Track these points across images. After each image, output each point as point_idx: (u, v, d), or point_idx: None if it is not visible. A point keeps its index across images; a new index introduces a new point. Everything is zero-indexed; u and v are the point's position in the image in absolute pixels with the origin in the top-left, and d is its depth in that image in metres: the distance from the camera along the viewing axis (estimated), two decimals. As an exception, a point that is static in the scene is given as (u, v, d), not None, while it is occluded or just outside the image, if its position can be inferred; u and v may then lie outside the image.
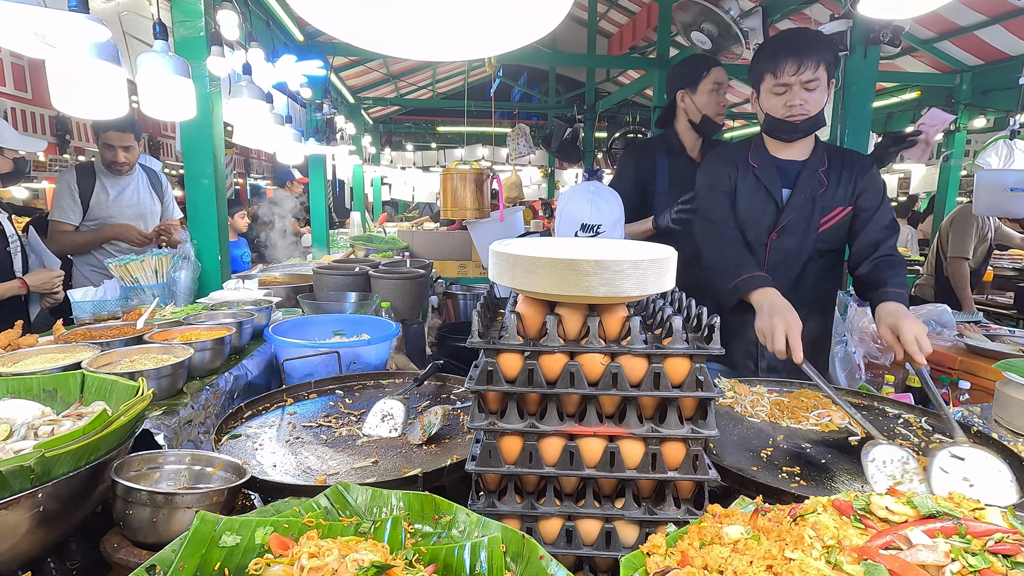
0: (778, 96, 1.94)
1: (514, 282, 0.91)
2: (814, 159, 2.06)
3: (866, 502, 0.65)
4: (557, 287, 0.86)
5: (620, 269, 0.84)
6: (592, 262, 0.83)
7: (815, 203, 2.03)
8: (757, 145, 2.11)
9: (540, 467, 0.94)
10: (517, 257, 0.89)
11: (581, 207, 1.88)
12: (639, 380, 0.92)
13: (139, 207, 3.30)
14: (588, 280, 0.84)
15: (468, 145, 11.63)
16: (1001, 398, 1.53)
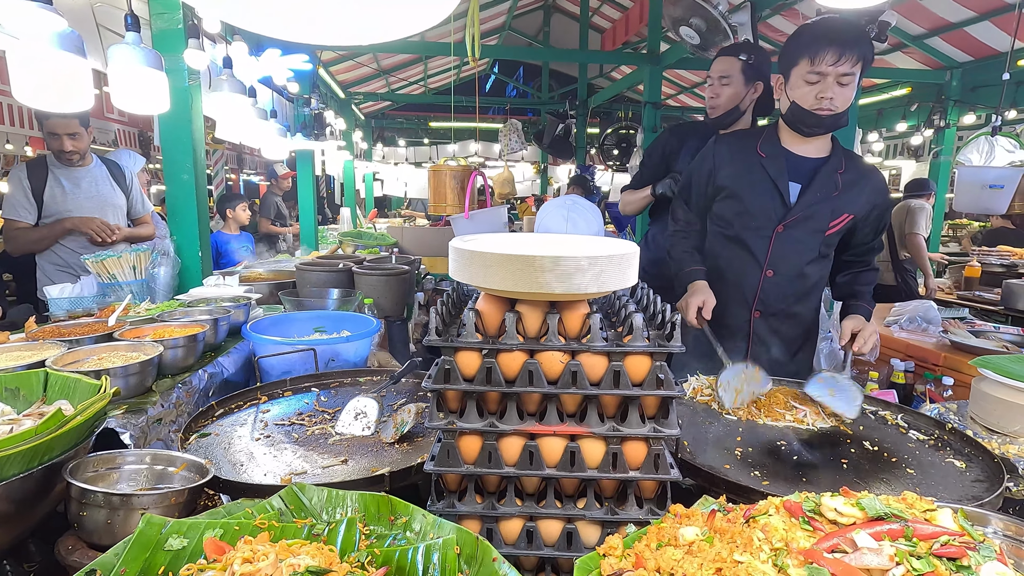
0: (810, 85, 1.84)
1: (472, 279, 0.89)
2: (834, 160, 1.99)
3: (816, 503, 0.64)
4: (514, 284, 0.84)
5: (578, 266, 0.82)
6: (549, 259, 0.82)
7: (828, 204, 1.98)
8: (769, 135, 2.04)
9: (500, 467, 0.92)
10: (475, 254, 0.87)
11: (557, 222, 1.87)
12: (599, 378, 0.90)
13: (99, 200, 3.11)
14: (545, 277, 0.82)
15: (460, 141, 11.59)
16: (977, 395, 1.52)
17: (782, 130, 2.02)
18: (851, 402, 1.52)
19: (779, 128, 2.03)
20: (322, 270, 3.05)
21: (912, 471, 1.29)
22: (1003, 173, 3.51)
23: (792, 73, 1.89)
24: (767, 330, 2.09)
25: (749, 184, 2.02)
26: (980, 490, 1.20)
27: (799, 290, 2.06)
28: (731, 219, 2.07)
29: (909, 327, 3.51)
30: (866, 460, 1.35)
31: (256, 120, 3.30)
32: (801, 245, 2.02)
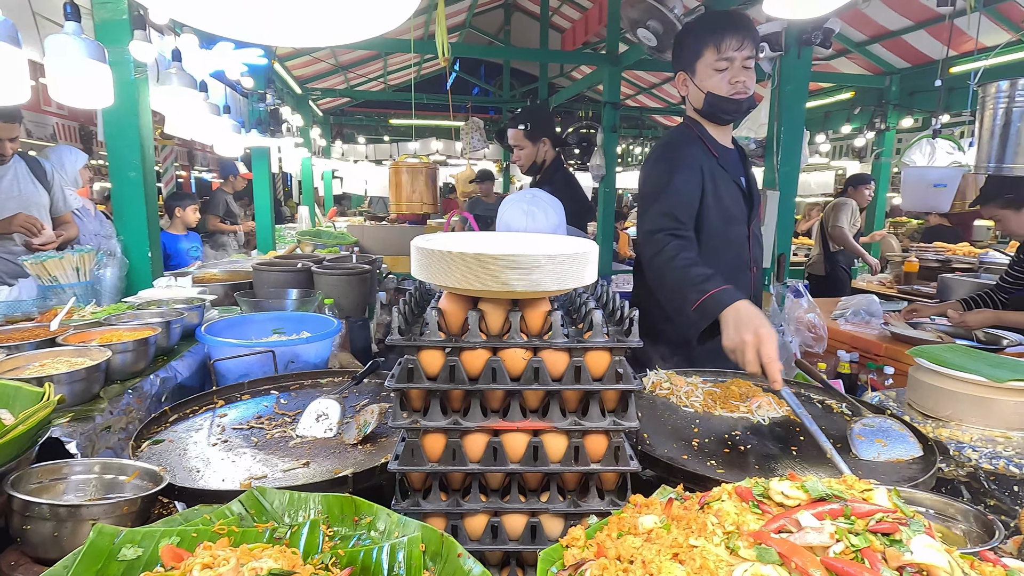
0: (720, 72, 1.87)
1: (434, 278, 0.89)
2: (741, 150, 2.11)
3: (765, 488, 0.67)
4: (476, 282, 0.85)
5: (537, 264, 0.84)
6: (509, 257, 0.83)
7: (756, 190, 2.11)
8: (705, 134, 2.01)
9: (464, 464, 0.93)
10: (435, 252, 0.88)
11: (516, 217, 1.88)
12: (561, 374, 0.92)
13: (21, 198, 2.95)
14: (506, 275, 0.84)
15: (422, 139, 11.48)
16: (913, 383, 1.62)
17: (705, 127, 2.01)
18: (906, 440, 1.33)
19: (700, 126, 2.01)
20: (280, 270, 2.98)
21: (856, 455, 1.36)
22: (945, 173, 3.75)
23: (698, 66, 1.91)
24: None
25: (721, 187, 1.98)
26: (915, 471, 1.28)
27: (761, 284, 2.18)
28: (719, 226, 1.98)
29: (854, 320, 3.69)
30: (814, 447, 1.41)
31: (208, 116, 3.20)
32: (758, 235, 2.13)
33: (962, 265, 5.40)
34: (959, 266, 5.39)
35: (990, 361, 1.58)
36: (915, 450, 1.34)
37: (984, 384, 1.45)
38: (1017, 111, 1.98)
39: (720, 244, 1.98)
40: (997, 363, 1.56)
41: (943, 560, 0.54)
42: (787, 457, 1.34)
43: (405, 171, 2.91)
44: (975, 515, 0.94)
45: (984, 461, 1.31)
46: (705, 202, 1.93)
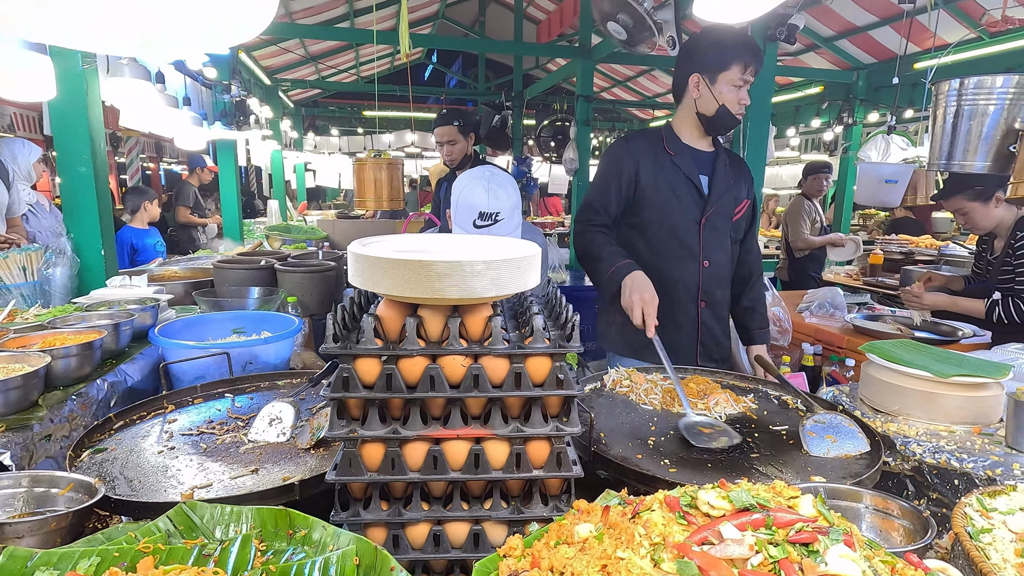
0: (736, 89, 2.02)
1: (370, 284, 0.87)
2: (720, 153, 2.19)
3: (692, 497, 0.67)
4: (410, 289, 0.83)
5: (474, 270, 0.82)
6: (444, 264, 0.81)
7: (730, 193, 2.17)
8: (668, 134, 2.16)
9: (404, 473, 0.91)
10: (371, 259, 0.85)
11: (478, 195, 1.85)
12: (501, 380, 0.90)
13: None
14: (441, 282, 0.82)
15: (397, 131, 11.34)
16: (865, 378, 1.65)
17: (682, 129, 2.15)
18: (855, 436, 1.37)
19: (677, 127, 2.16)
20: (242, 268, 2.91)
21: (807, 452, 1.38)
22: (897, 169, 3.82)
23: (721, 77, 2.01)
24: (712, 318, 2.23)
25: (667, 181, 2.12)
26: (862, 467, 1.30)
27: (726, 275, 2.24)
28: (660, 217, 2.14)
29: (819, 312, 3.76)
30: (768, 444, 1.43)
31: (164, 108, 3.10)
32: (720, 233, 2.17)
33: (924, 257, 5.54)
34: (921, 258, 5.53)
35: (937, 356, 1.62)
36: (863, 446, 1.37)
37: (930, 379, 1.48)
38: (968, 109, 2.02)
39: (660, 232, 2.15)
40: (944, 358, 1.60)
41: (856, 571, 0.54)
42: (740, 455, 1.35)
43: (369, 167, 2.87)
44: (911, 512, 0.96)
45: (928, 455, 1.34)
46: (642, 193, 2.11)
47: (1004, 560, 0.81)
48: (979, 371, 1.47)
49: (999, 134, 2.02)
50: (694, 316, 2.18)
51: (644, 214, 2.14)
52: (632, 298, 1.86)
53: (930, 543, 0.87)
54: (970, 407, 1.46)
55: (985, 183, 2.57)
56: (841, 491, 1.06)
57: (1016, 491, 1.00)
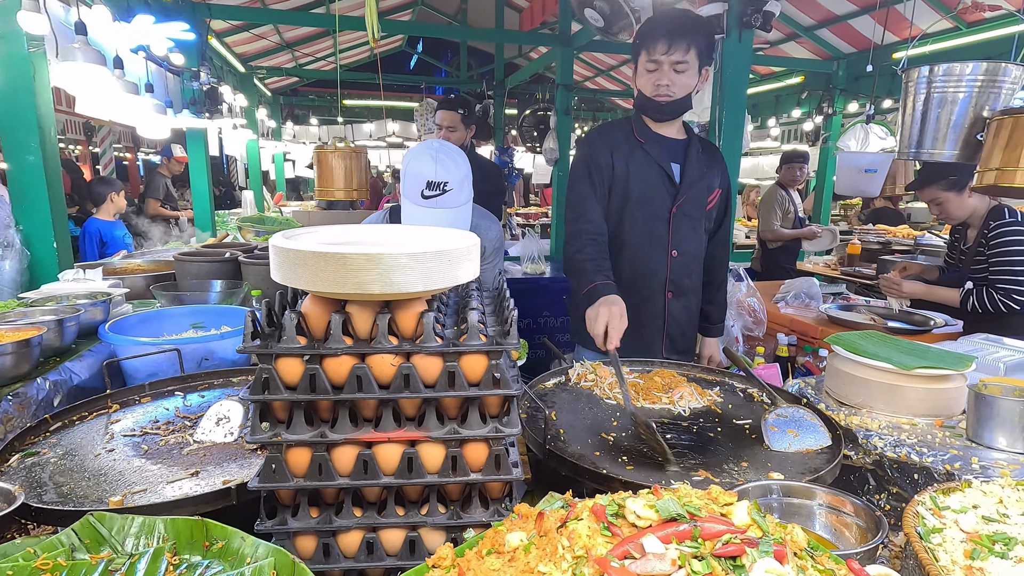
0: (649, 73, 1.99)
1: (289, 279, 0.81)
2: (693, 141, 2.15)
3: (620, 506, 0.63)
4: (330, 284, 0.77)
5: (398, 263, 0.76)
6: (364, 257, 0.75)
7: (703, 181, 2.12)
8: (637, 121, 2.12)
9: (333, 479, 0.86)
10: (290, 252, 0.79)
11: (425, 164, 1.79)
12: (435, 380, 0.85)
13: None
14: (362, 276, 0.76)
15: (377, 120, 11.16)
16: (830, 370, 1.63)
17: (644, 117, 2.11)
18: (816, 430, 1.34)
19: (641, 116, 2.12)
20: (204, 260, 2.82)
21: (768, 447, 1.35)
22: (876, 158, 3.81)
23: (639, 63, 2.03)
24: (680, 308, 2.20)
25: (638, 170, 2.08)
26: (822, 462, 1.27)
27: (698, 266, 2.20)
28: (630, 206, 2.09)
29: (794, 303, 3.75)
30: (730, 439, 1.40)
31: (122, 94, 2.97)
32: (693, 222, 2.13)
33: (901, 247, 5.57)
34: (898, 248, 5.56)
35: (902, 348, 1.60)
36: (825, 440, 1.34)
37: (893, 371, 1.45)
38: (937, 97, 1.99)
39: (630, 221, 2.09)
40: (908, 350, 1.58)
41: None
42: (700, 452, 1.32)
43: (331, 156, 2.79)
44: (865, 510, 0.93)
45: (889, 449, 1.32)
46: (614, 181, 2.07)
47: (953, 562, 0.78)
48: (942, 363, 1.45)
49: (967, 122, 2.00)
50: (661, 306, 2.16)
51: (614, 203, 2.10)
52: (599, 310, 1.78)
53: (881, 543, 0.84)
54: (933, 399, 1.44)
55: (959, 173, 2.56)
56: (795, 489, 1.03)
57: (971, 488, 0.97)
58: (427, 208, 1.83)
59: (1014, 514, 0.90)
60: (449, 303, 1.08)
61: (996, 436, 1.25)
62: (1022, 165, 1.73)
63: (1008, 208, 2.54)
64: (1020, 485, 0.97)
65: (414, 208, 1.84)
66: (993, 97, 1.95)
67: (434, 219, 1.83)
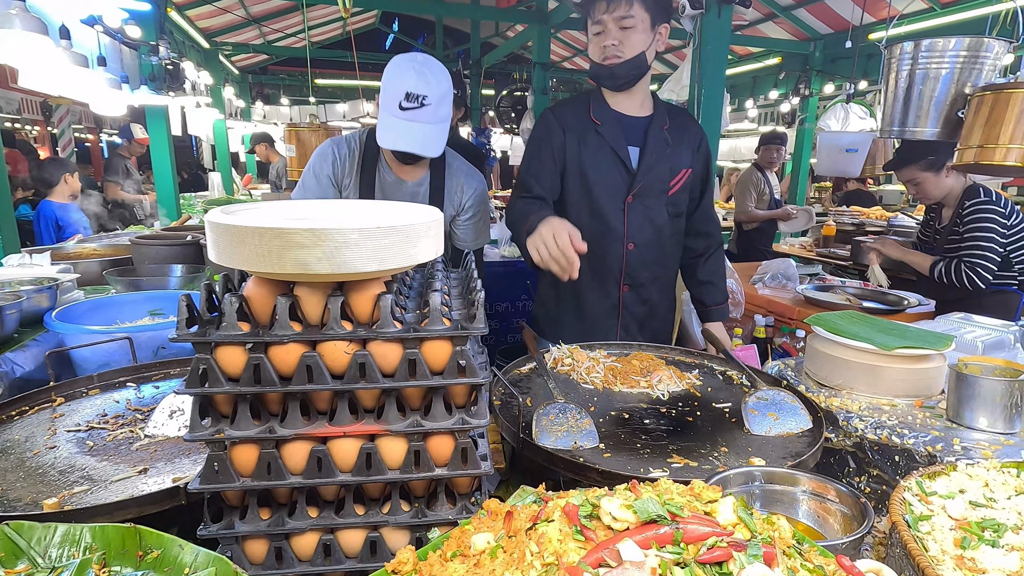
0: (596, 37, 1.86)
1: (224, 259, 0.72)
2: (658, 117, 2.00)
3: (594, 506, 0.57)
4: (271, 264, 0.69)
5: (346, 240, 0.68)
6: (307, 233, 0.67)
7: (665, 163, 1.98)
8: (596, 98, 1.97)
9: (284, 478, 0.78)
10: (223, 228, 0.71)
11: (407, 74, 1.69)
12: (394, 368, 0.78)
13: None
14: (305, 254, 0.68)
15: (351, 100, 10.85)
16: (810, 352, 1.60)
17: (604, 93, 1.98)
18: (797, 413, 1.31)
19: (602, 91, 1.97)
20: (163, 244, 2.67)
21: (748, 431, 1.31)
22: (857, 138, 3.80)
23: (589, 32, 1.90)
24: (635, 301, 2.08)
25: (592, 156, 1.95)
26: (803, 445, 1.24)
27: (659, 256, 2.07)
28: (582, 195, 1.96)
29: (771, 284, 3.75)
30: (710, 423, 1.36)
31: (70, 67, 2.78)
32: (652, 211, 2.00)
33: (874, 228, 5.63)
34: (872, 229, 5.62)
35: (881, 327, 1.57)
36: (805, 423, 1.31)
37: (874, 352, 1.42)
38: (920, 73, 1.96)
39: (582, 212, 1.95)
40: (888, 329, 1.55)
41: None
42: (680, 436, 1.27)
43: (303, 135, 2.66)
44: (849, 496, 0.89)
45: (869, 431, 1.29)
46: (566, 168, 1.94)
47: (943, 552, 0.74)
48: (922, 342, 1.43)
49: (949, 99, 1.97)
50: (616, 298, 2.04)
51: (567, 189, 1.97)
52: (540, 230, 1.58)
53: (867, 531, 0.80)
54: (913, 380, 1.41)
55: (937, 153, 2.56)
56: (778, 475, 0.99)
57: (956, 471, 0.94)
58: (404, 121, 1.73)
59: (1001, 498, 0.87)
60: (413, 284, 1.00)
61: (977, 416, 1.23)
62: (1002, 142, 1.71)
63: (983, 188, 2.55)
64: (1006, 468, 0.94)
65: (390, 120, 1.74)
66: (975, 73, 1.92)
67: (409, 133, 1.74)
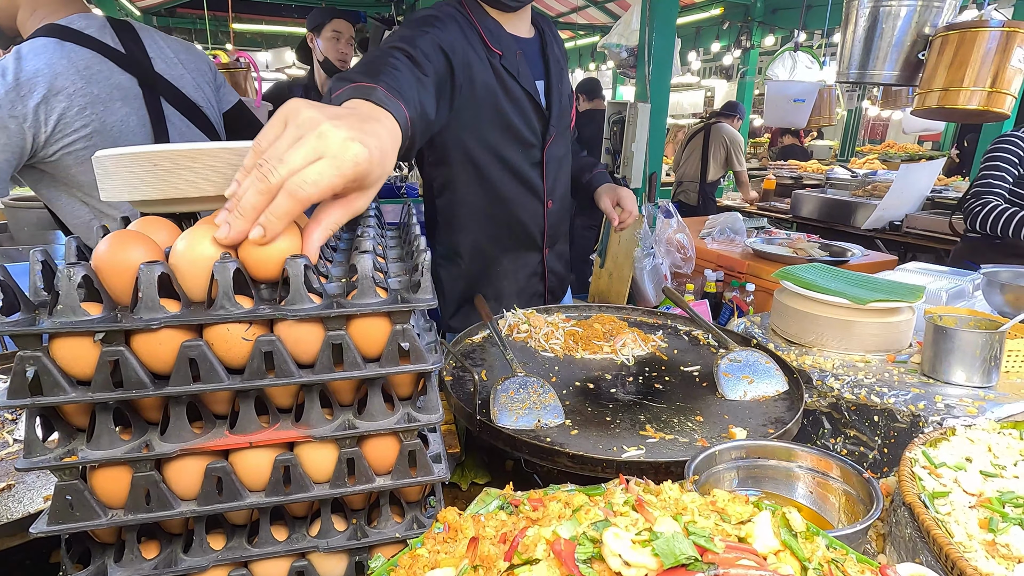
0: None
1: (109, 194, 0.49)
2: (545, 34, 1.64)
3: (594, 542, 0.41)
4: (130, 191, 0.47)
5: (232, 160, 0.47)
6: (187, 152, 0.46)
7: (566, 95, 1.67)
8: (482, 18, 1.48)
9: (169, 507, 0.59)
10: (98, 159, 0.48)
11: None
12: (314, 357, 0.59)
13: None
14: (176, 177, 0.47)
15: (274, 48, 9.97)
16: (777, 307, 1.52)
17: (489, 11, 1.50)
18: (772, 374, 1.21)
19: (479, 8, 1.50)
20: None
21: (721, 395, 1.21)
22: (804, 88, 3.77)
23: None
24: (556, 260, 1.87)
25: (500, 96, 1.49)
26: (783, 409, 1.15)
27: (568, 203, 1.84)
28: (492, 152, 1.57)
29: (720, 238, 3.74)
30: (681, 389, 1.25)
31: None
32: (564, 157, 1.74)
33: (812, 181, 5.76)
34: (809, 182, 5.75)
35: (850, 280, 1.51)
36: (781, 384, 1.22)
37: (846, 306, 1.35)
38: (883, 11, 1.86)
39: (497, 171, 1.58)
40: (857, 282, 1.49)
41: None
42: (650, 409, 1.15)
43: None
44: (855, 475, 0.79)
45: (846, 391, 1.22)
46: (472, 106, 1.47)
47: (969, 536, 0.65)
48: (895, 295, 1.36)
49: (909, 40, 1.90)
50: (539, 262, 1.81)
51: (473, 141, 1.54)
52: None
53: (879, 516, 0.71)
54: (885, 334, 1.36)
55: None
56: (771, 449, 0.88)
57: (956, 435, 0.87)
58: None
59: (1008, 463, 0.79)
60: (339, 245, 0.80)
61: (954, 370, 1.17)
62: (966, 84, 1.65)
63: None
64: (1005, 429, 0.87)
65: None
66: (935, 13, 1.85)
67: None
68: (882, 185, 4.61)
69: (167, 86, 1.61)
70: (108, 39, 1.54)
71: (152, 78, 1.58)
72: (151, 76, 1.58)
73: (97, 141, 1.42)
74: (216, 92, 1.79)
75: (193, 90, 1.66)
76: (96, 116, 1.41)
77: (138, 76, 1.56)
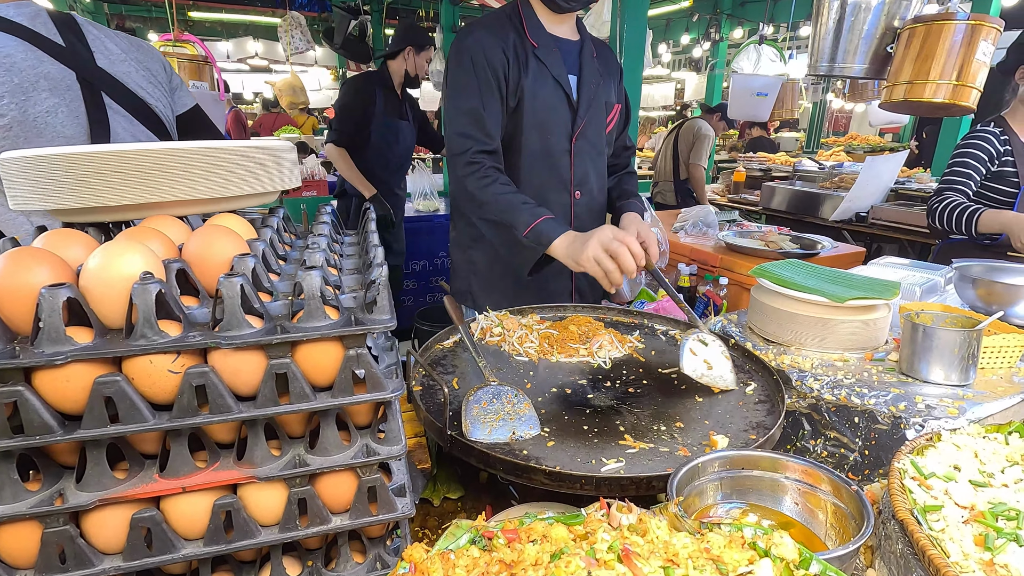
0: None
1: None
2: (587, 43, 1.72)
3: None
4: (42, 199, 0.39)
5: (159, 162, 0.40)
6: (112, 155, 0.38)
7: (602, 96, 1.73)
8: (529, 16, 1.64)
9: (89, 565, 0.51)
10: None
11: None
12: (255, 389, 0.52)
13: None
14: (96, 182, 0.39)
15: (235, 38, 9.62)
16: (755, 305, 1.49)
17: (537, 8, 1.64)
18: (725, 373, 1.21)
19: (533, 7, 1.65)
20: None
21: (701, 398, 1.18)
22: (768, 82, 3.78)
23: None
24: None
25: (533, 85, 1.62)
26: (763, 412, 1.12)
27: (601, 202, 1.85)
28: (528, 138, 1.65)
29: (693, 232, 3.74)
30: (659, 392, 1.21)
31: None
32: (594, 151, 1.76)
33: (780, 173, 5.83)
34: (778, 174, 5.82)
35: (826, 276, 1.49)
36: (732, 384, 1.20)
37: (825, 304, 1.33)
38: (853, 2, 1.85)
39: (523, 154, 1.66)
40: (833, 278, 1.47)
41: None
42: (628, 416, 1.11)
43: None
44: (845, 490, 0.75)
45: (826, 391, 1.19)
46: (508, 96, 1.60)
47: (965, 555, 0.62)
48: (872, 292, 1.35)
49: (878, 33, 1.89)
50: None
51: (511, 135, 1.65)
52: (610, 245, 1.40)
53: (871, 534, 0.67)
54: (862, 332, 1.34)
55: None
56: (756, 460, 0.84)
57: (942, 442, 0.84)
58: None
59: (996, 471, 0.77)
60: (289, 256, 0.72)
61: (932, 368, 1.16)
62: (933, 77, 1.64)
63: None
64: (989, 433, 0.85)
65: None
66: (904, 6, 1.84)
67: None
68: (848, 177, 4.68)
69: (111, 82, 1.49)
70: (41, 28, 1.41)
71: (93, 73, 1.45)
72: (91, 70, 1.45)
73: (18, 132, 1.30)
74: (171, 94, 1.66)
75: (141, 88, 1.54)
76: (16, 105, 1.29)
77: (76, 69, 1.43)
